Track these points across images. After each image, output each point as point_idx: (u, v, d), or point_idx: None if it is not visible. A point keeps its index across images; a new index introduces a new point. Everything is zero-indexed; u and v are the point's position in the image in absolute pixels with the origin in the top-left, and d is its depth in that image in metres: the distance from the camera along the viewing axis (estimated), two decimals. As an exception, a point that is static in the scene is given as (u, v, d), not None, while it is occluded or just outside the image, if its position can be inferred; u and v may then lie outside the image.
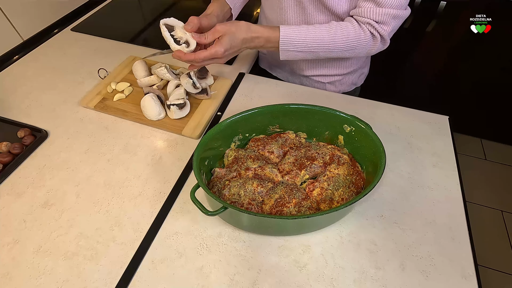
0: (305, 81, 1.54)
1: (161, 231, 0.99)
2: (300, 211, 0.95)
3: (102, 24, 1.90)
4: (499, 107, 2.97)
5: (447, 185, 1.12)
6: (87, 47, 1.69)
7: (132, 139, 1.24)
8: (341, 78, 1.51)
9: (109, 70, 1.51)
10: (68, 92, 1.42)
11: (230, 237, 0.99)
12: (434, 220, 1.03)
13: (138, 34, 1.82)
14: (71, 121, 1.30)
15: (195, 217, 1.02)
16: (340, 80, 1.52)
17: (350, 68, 1.49)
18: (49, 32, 1.78)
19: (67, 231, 0.99)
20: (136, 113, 1.31)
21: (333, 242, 0.98)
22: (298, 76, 1.54)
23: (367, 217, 1.03)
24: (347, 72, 1.50)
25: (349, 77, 1.54)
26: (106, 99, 1.36)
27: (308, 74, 1.50)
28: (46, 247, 0.96)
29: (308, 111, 1.11)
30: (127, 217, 1.02)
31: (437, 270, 0.92)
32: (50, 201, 1.06)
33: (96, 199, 1.07)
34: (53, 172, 1.14)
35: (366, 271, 0.92)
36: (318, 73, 1.48)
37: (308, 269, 0.92)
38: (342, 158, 1.08)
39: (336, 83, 1.53)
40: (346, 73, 1.50)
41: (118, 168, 1.15)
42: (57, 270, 0.91)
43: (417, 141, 1.24)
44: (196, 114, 1.31)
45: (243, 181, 1.01)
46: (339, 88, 1.56)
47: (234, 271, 0.92)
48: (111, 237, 0.98)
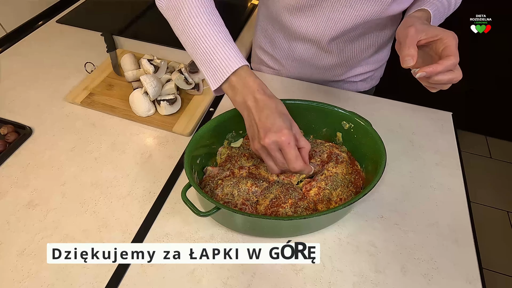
0: (334, 85, 1.50)
1: (151, 232, 0.99)
2: (296, 211, 0.95)
3: (89, 15, 1.89)
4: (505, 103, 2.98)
5: (451, 185, 1.12)
6: (73, 40, 1.68)
7: (120, 136, 1.24)
8: (372, 74, 1.52)
9: (97, 64, 1.51)
10: (54, 87, 1.42)
11: (223, 239, 0.98)
12: (436, 222, 1.03)
13: (127, 26, 1.82)
14: (57, 117, 1.30)
15: (186, 218, 1.02)
16: (371, 75, 1.52)
17: (383, 61, 1.50)
18: (33, 24, 1.77)
19: (52, 232, 0.99)
20: (125, 109, 1.31)
21: (331, 244, 0.98)
22: (326, 82, 1.50)
23: (367, 218, 1.04)
24: (379, 66, 1.51)
25: (380, 70, 1.55)
26: (93, 94, 1.36)
27: (342, 78, 1.48)
28: (31, 249, 0.95)
29: (305, 107, 1.11)
30: (115, 218, 1.02)
31: (440, 274, 0.93)
32: (35, 201, 1.06)
33: (82, 199, 1.06)
34: (38, 170, 1.13)
35: (366, 275, 0.92)
36: (352, 74, 1.46)
37: (305, 273, 0.92)
38: (340, 156, 1.07)
39: (367, 80, 1.53)
40: (378, 67, 1.50)
41: (106, 166, 1.15)
42: (42, 273, 0.91)
43: (419, 139, 1.24)
44: (187, 110, 1.31)
45: (237, 180, 1.01)
46: (370, 84, 1.56)
47: (227, 275, 0.92)
48: (98, 239, 0.98)
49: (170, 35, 1.03)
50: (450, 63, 0.83)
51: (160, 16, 1.05)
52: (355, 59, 1.37)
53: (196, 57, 0.95)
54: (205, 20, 0.92)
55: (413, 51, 0.86)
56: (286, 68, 1.48)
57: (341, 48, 1.30)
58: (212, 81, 0.92)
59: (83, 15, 1.89)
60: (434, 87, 0.92)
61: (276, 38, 1.39)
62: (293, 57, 1.40)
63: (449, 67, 0.84)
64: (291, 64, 1.45)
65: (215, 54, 0.90)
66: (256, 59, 1.59)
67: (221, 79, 0.90)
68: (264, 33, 1.44)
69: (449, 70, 0.85)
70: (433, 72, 0.84)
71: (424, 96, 1.36)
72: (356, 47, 1.32)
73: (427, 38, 0.88)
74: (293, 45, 1.35)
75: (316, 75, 1.45)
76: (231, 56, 0.90)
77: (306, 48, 1.33)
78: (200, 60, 0.93)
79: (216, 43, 0.91)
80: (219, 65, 0.90)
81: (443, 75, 0.85)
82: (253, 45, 1.60)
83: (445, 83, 0.88)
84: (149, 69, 1.36)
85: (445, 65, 0.83)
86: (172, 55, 1.58)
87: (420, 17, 0.99)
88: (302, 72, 1.46)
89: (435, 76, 0.86)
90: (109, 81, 1.43)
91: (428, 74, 0.85)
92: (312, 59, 1.36)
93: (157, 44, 1.66)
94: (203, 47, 0.91)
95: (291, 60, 1.43)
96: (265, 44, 1.48)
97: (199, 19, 0.92)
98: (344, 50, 1.31)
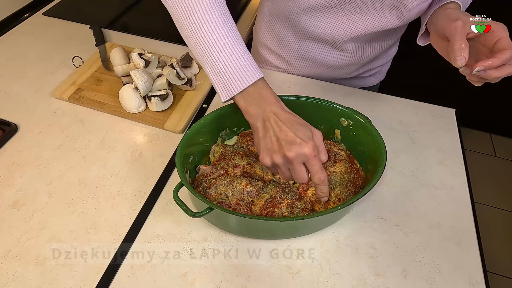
0: (342, 82, 1.49)
1: (141, 234, 0.99)
2: (293, 212, 0.95)
3: (77, 7, 1.88)
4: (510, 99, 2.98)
5: (454, 184, 1.12)
6: (60, 33, 1.68)
7: (109, 134, 1.24)
8: (381, 68, 1.52)
9: (85, 58, 1.50)
10: (40, 82, 1.41)
11: (216, 240, 0.98)
12: (439, 223, 1.03)
13: (117, 18, 1.81)
14: (43, 113, 1.29)
15: (178, 218, 1.02)
16: (380, 70, 1.53)
17: (392, 55, 1.50)
18: (19, 16, 1.76)
19: (38, 234, 0.98)
20: (114, 105, 1.30)
21: (329, 246, 0.98)
22: (336, 80, 1.49)
23: (366, 219, 1.04)
24: (388, 60, 1.51)
25: (388, 64, 1.56)
26: (81, 89, 1.35)
27: (352, 76, 1.48)
28: (16, 251, 0.95)
29: (301, 103, 1.11)
30: (104, 218, 1.02)
31: (443, 277, 0.93)
32: (20, 201, 1.05)
33: (70, 199, 1.06)
34: (23, 169, 1.13)
35: (365, 278, 0.92)
36: (363, 70, 1.47)
37: (302, 276, 0.92)
38: (339, 154, 1.08)
39: (376, 74, 1.54)
40: (387, 61, 1.51)
41: (94, 165, 1.15)
42: (28, 276, 0.91)
43: (421, 136, 1.25)
44: (179, 107, 1.31)
45: (231, 179, 1.00)
46: (378, 78, 1.58)
47: (221, 278, 0.91)
48: (86, 241, 0.97)
49: (162, 28, 1.02)
50: (507, 56, 0.81)
51: (151, 8, 1.04)
52: (370, 57, 1.37)
53: (207, 66, 0.92)
54: (220, 25, 0.89)
55: (464, 47, 0.85)
56: (295, 67, 1.46)
57: (357, 47, 1.30)
58: (223, 91, 0.91)
59: (70, 7, 1.88)
60: (480, 81, 0.90)
61: (284, 37, 1.38)
62: (304, 57, 1.39)
63: (506, 61, 0.82)
64: (300, 64, 1.44)
65: (229, 65, 0.88)
66: (259, 58, 1.56)
67: (235, 91, 0.89)
68: (270, 31, 1.42)
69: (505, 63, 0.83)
70: (491, 66, 0.83)
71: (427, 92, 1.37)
72: (373, 45, 1.32)
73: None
74: (305, 45, 1.34)
75: (327, 73, 1.44)
76: (248, 67, 0.89)
77: (319, 48, 1.33)
78: (211, 69, 0.91)
79: (231, 53, 0.89)
80: (233, 76, 0.89)
81: (500, 71, 0.84)
82: (255, 43, 1.57)
83: (503, 77, 0.86)
84: (140, 64, 1.35)
85: (503, 58, 0.82)
86: (163, 49, 1.57)
87: (457, 8, 0.98)
88: (312, 71, 1.45)
89: (492, 73, 0.84)
90: (98, 76, 1.42)
91: (486, 68, 0.83)
92: (325, 58, 1.36)
93: (148, 37, 1.65)
94: (216, 56, 0.89)
95: (301, 60, 1.42)
96: (271, 42, 1.45)
97: (213, 23, 0.89)
98: (360, 48, 1.31)
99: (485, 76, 0.85)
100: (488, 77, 0.85)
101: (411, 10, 1.07)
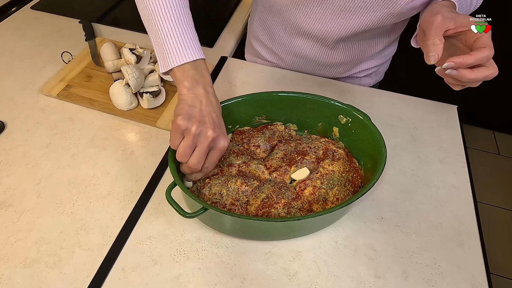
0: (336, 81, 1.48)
1: (133, 235, 0.99)
2: (289, 212, 0.95)
3: (66, 1, 1.88)
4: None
5: (455, 183, 1.12)
6: (49, 27, 1.67)
7: (100, 132, 1.23)
8: (377, 69, 1.52)
9: (74, 54, 1.49)
10: (28, 79, 1.41)
11: (210, 242, 0.98)
12: (440, 223, 1.03)
13: (107, 12, 1.81)
14: (31, 111, 1.29)
15: (171, 219, 1.02)
16: (376, 70, 1.52)
17: (390, 55, 1.50)
18: (6, 11, 1.75)
19: (26, 235, 0.98)
20: (105, 102, 1.30)
21: (327, 247, 0.98)
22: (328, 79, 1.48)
23: (365, 220, 1.04)
24: (385, 61, 1.51)
25: (385, 65, 1.55)
26: (71, 86, 1.35)
27: (345, 75, 1.48)
28: (3, 253, 0.95)
29: (299, 100, 1.11)
30: (95, 219, 1.02)
31: (444, 279, 0.93)
32: (7, 201, 1.05)
33: (59, 199, 1.06)
34: (11, 168, 1.13)
35: (364, 280, 0.92)
36: (357, 70, 1.46)
37: (299, 278, 0.92)
38: (337, 152, 1.08)
39: (372, 75, 1.53)
40: (384, 62, 1.51)
41: (84, 164, 1.14)
42: (15, 279, 0.90)
43: (422, 134, 1.25)
44: (172, 103, 1.31)
45: (226, 178, 1.00)
46: (374, 79, 1.57)
47: (215, 281, 0.91)
48: (76, 242, 0.97)
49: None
50: (483, 55, 0.76)
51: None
52: (363, 57, 1.37)
53: (150, 33, 0.97)
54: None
55: (438, 43, 0.81)
56: (286, 63, 1.47)
57: (349, 47, 1.30)
58: (162, 62, 0.95)
59: (59, 1, 1.87)
60: (458, 84, 0.85)
61: (275, 31, 1.38)
62: (294, 53, 1.40)
63: (482, 60, 0.77)
64: (291, 59, 1.44)
65: (171, 37, 0.92)
66: (252, 51, 1.58)
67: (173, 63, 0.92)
68: (262, 24, 1.43)
69: (480, 64, 0.79)
70: (463, 64, 0.77)
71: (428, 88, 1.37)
72: (365, 44, 1.32)
73: (456, 28, 0.83)
74: (295, 41, 1.35)
75: (318, 71, 1.45)
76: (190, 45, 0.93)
77: (309, 45, 1.33)
78: (154, 37, 0.96)
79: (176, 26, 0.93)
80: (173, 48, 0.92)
81: (476, 73, 0.79)
82: (249, 34, 1.59)
83: (479, 81, 0.82)
84: (131, 59, 1.35)
85: (477, 57, 0.76)
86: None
87: (447, 5, 0.91)
88: (302, 68, 1.45)
89: (467, 74, 0.78)
90: (88, 72, 1.42)
91: (457, 66, 0.78)
92: (315, 56, 1.36)
93: (140, 32, 1.66)
94: (160, 25, 0.93)
95: (291, 55, 1.42)
96: (263, 35, 1.46)
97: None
98: (351, 48, 1.31)
99: (458, 77, 0.80)
100: (461, 79, 0.80)
101: (402, 6, 1.06)
